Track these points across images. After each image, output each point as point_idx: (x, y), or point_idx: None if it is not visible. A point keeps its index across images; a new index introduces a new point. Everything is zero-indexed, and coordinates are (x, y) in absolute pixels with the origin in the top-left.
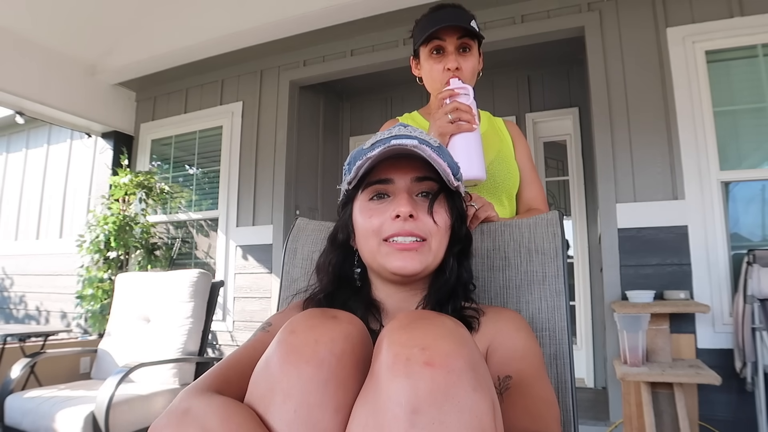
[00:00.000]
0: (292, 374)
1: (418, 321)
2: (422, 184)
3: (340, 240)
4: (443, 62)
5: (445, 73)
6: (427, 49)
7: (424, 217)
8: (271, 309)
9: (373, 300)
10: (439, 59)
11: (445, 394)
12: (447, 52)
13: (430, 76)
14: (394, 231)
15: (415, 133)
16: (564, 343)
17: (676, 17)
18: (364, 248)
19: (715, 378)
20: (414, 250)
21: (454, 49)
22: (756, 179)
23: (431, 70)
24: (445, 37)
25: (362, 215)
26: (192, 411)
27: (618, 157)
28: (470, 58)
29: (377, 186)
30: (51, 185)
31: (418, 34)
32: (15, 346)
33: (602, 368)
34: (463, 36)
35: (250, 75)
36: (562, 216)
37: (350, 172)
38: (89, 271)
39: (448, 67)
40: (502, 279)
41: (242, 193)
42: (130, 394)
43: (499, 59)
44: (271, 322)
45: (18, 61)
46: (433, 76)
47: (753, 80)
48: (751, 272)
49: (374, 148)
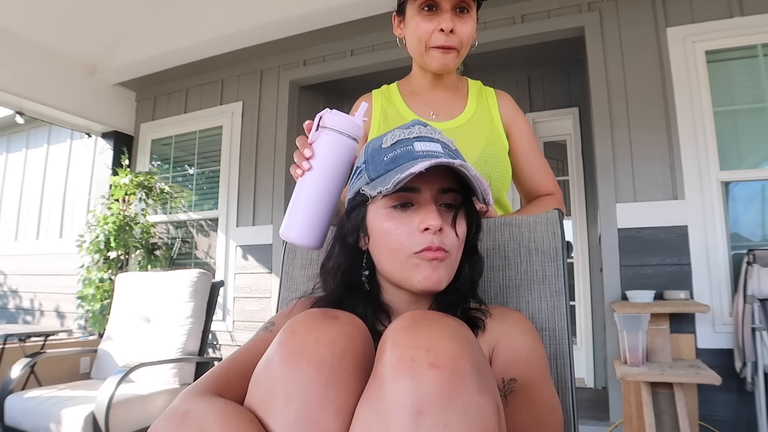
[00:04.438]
0: (293, 375)
1: (422, 322)
2: (446, 194)
3: (350, 242)
4: (436, 21)
5: (437, 34)
6: (417, 4)
7: (448, 230)
8: (271, 309)
9: (383, 304)
10: (431, 17)
11: (449, 396)
12: (441, 9)
13: (415, 36)
14: (425, 245)
15: (443, 139)
16: (564, 343)
17: (676, 17)
18: (386, 258)
19: (715, 378)
20: (441, 262)
21: (451, 8)
22: (756, 179)
23: (418, 28)
24: None
25: (386, 223)
26: (191, 414)
27: (618, 157)
28: (468, 20)
29: (403, 194)
30: (51, 185)
31: None
32: (15, 346)
33: (602, 368)
34: None
35: (250, 75)
36: (562, 216)
37: (368, 172)
38: (89, 271)
39: (443, 27)
40: (502, 279)
41: (242, 193)
42: (130, 394)
43: (499, 59)
44: (274, 322)
45: (18, 61)
46: (419, 35)
47: (753, 80)
48: (751, 272)
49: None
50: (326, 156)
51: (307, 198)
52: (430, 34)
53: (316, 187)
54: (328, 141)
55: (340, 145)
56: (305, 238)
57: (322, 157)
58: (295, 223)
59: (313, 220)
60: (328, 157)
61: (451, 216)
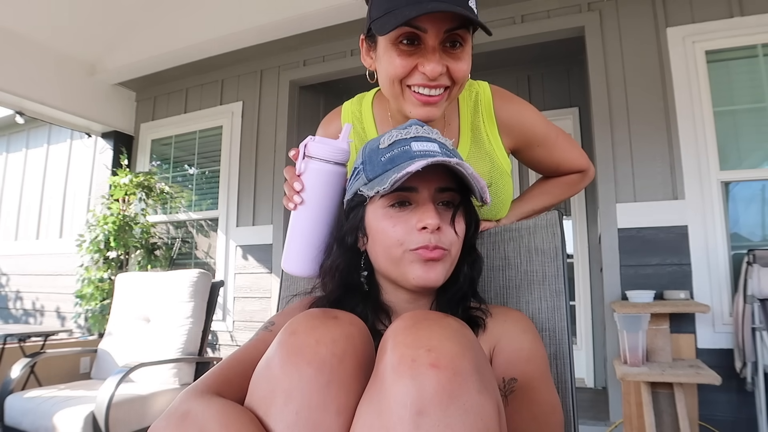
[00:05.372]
0: (293, 375)
1: (423, 322)
2: (444, 193)
3: (349, 243)
4: (416, 58)
5: (418, 75)
6: (393, 35)
7: (446, 228)
8: (271, 309)
9: (382, 304)
10: (409, 53)
11: (450, 396)
12: (425, 46)
13: (387, 75)
14: (421, 243)
15: (440, 139)
16: (564, 343)
17: (676, 17)
18: (382, 256)
19: (715, 378)
20: (438, 261)
21: (438, 44)
22: (756, 179)
23: (391, 64)
24: (427, 26)
25: (384, 221)
26: (191, 414)
27: (618, 157)
28: (463, 57)
29: (401, 193)
30: (51, 185)
31: (377, 6)
32: (15, 346)
33: (602, 368)
34: (457, 28)
35: (250, 75)
36: (561, 216)
37: (366, 172)
38: (89, 271)
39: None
40: (502, 279)
41: (242, 193)
42: (130, 394)
43: (499, 59)
44: (274, 321)
45: (18, 61)
46: (392, 74)
47: (753, 80)
48: (751, 272)
49: (393, 149)
50: (316, 188)
51: (302, 231)
52: (408, 74)
53: (309, 219)
54: (317, 171)
55: (329, 173)
56: (307, 270)
57: (313, 189)
58: (295, 257)
59: (312, 251)
60: (319, 189)
61: (450, 214)
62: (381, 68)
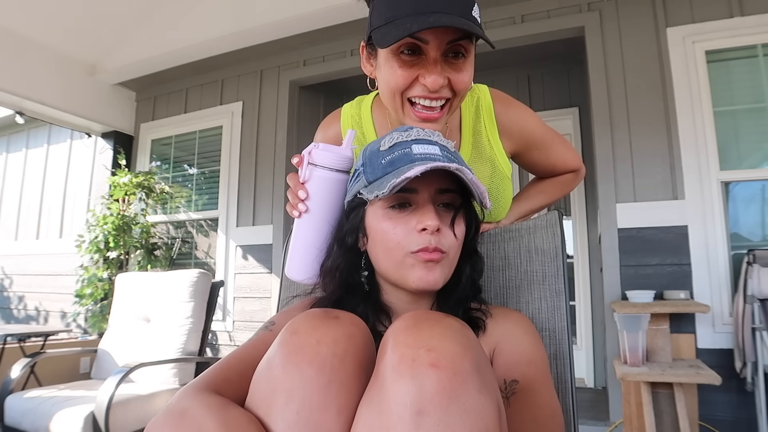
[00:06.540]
0: (294, 375)
1: (423, 322)
2: (444, 195)
3: (349, 243)
4: (415, 70)
5: (417, 86)
6: (394, 45)
7: (446, 230)
8: (271, 309)
9: (383, 304)
10: (411, 63)
11: (450, 396)
12: (427, 57)
13: (388, 86)
14: (421, 245)
15: (441, 141)
16: (564, 343)
17: (676, 17)
18: (383, 257)
19: (715, 378)
20: (437, 263)
21: (440, 56)
22: (756, 179)
23: (392, 75)
24: (429, 37)
25: (384, 223)
26: (190, 412)
27: (618, 158)
28: (466, 67)
29: (401, 195)
30: (51, 185)
31: (378, 14)
32: (15, 346)
33: (602, 368)
34: (459, 39)
35: (250, 75)
36: (561, 216)
37: (366, 174)
38: (88, 271)
39: (427, 84)
40: (502, 279)
41: (242, 193)
42: (130, 394)
43: (499, 59)
44: (274, 321)
45: (18, 61)
46: (393, 85)
47: (753, 80)
48: (751, 272)
49: (394, 151)
50: (321, 196)
51: (306, 239)
52: (409, 85)
53: (314, 228)
54: (321, 179)
55: (333, 182)
56: (312, 277)
57: (317, 197)
58: (300, 265)
59: (316, 258)
60: (323, 197)
61: (450, 216)
62: (381, 78)
